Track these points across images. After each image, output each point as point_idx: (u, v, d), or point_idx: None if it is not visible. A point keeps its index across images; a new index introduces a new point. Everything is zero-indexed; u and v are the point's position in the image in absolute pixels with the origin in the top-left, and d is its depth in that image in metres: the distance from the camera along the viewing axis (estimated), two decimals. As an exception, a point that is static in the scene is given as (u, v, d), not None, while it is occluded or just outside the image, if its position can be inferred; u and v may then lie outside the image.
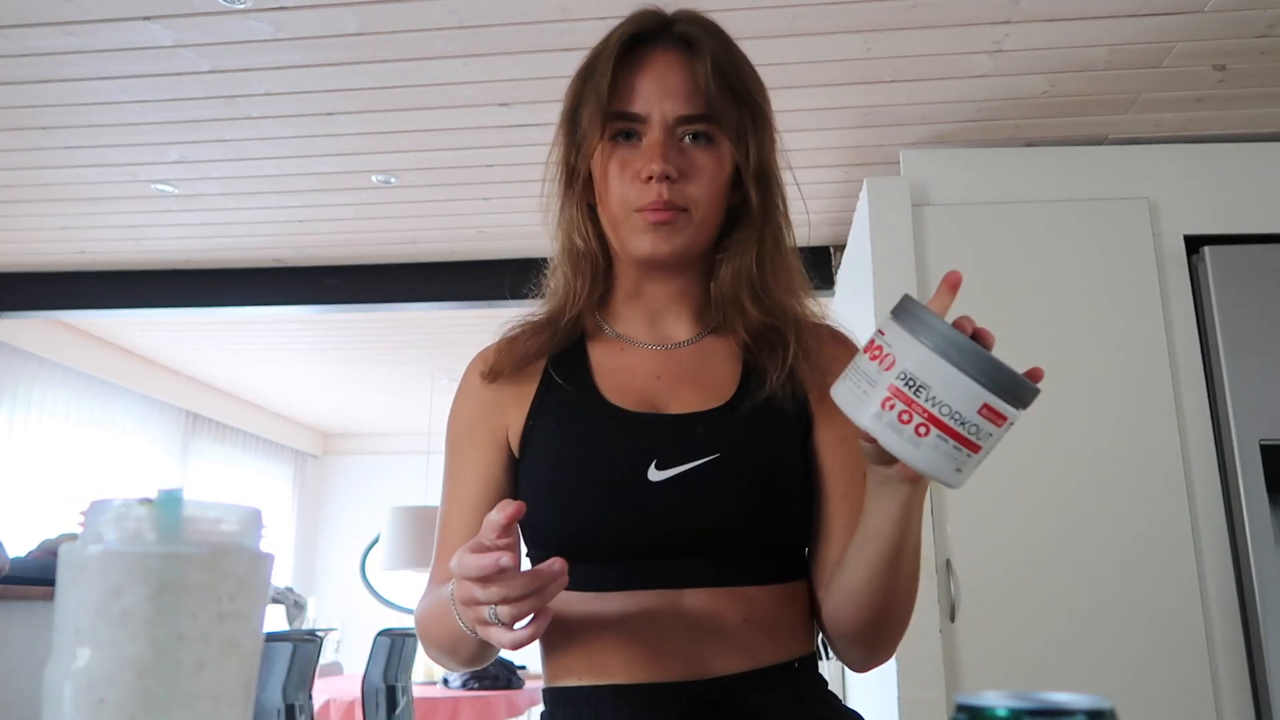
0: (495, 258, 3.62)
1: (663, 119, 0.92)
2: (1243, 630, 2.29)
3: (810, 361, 0.95)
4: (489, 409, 0.98)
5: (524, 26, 2.20)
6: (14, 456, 4.61)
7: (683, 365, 0.97)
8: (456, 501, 0.99)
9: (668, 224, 0.91)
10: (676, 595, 0.88)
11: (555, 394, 0.96)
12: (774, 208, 0.98)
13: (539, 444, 0.95)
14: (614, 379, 0.96)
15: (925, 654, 2.27)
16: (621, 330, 1.00)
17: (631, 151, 0.93)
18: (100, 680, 0.40)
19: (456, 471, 0.99)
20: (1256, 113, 2.59)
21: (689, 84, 0.92)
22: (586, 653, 0.90)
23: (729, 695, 0.86)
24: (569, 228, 0.98)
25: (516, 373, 0.97)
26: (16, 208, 3.24)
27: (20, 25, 2.21)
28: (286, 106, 2.57)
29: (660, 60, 0.94)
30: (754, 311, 0.95)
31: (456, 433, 1.01)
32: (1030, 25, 2.20)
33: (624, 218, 0.93)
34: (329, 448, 7.70)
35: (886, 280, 2.53)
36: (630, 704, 0.87)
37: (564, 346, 0.98)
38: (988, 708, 0.35)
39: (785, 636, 0.91)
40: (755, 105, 0.95)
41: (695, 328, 1.00)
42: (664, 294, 0.99)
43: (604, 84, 0.92)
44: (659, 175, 0.90)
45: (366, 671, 3.41)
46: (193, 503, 0.43)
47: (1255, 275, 2.43)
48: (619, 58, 0.93)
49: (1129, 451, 2.39)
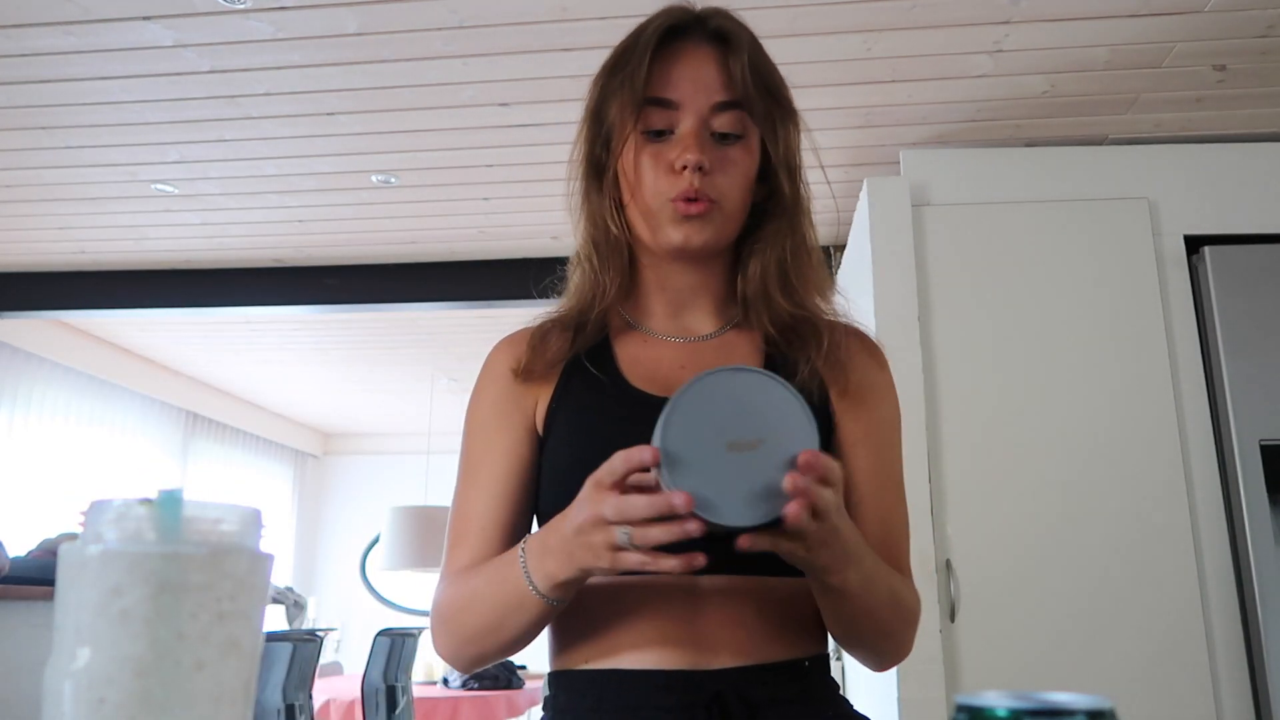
0: (495, 258, 3.62)
1: (697, 110, 0.92)
2: (1243, 630, 2.29)
3: (832, 359, 0.95)
4: (518, 390, 0.98)
5: (524, 26, 2.21)
6: (14, 456, 4.61)
7: (706, 357, 0.98)
8: (481, 484, 0.96)
9: (700, 216, 0.92)
10: (691, 581, 0.87)
11: (581, 378, 0.95)
12: (801, 202, 0.99)
13: (563, 426, 0.94)
14: (639, 368, 0.97)
15: (925, 654, 2.27)
16: (645, 323, 1.01)
17: (664, 145, 0.93)
18: (100, 680, 0.40)
19: (481, 453, 0.97)
20: (1256, 113, 2.59)
21: (723, 76, 0.93)
22: (596, 636, 0.89)
23: (735, 687, 0.85)
24: (596, 219, 0.98)
25: (549, 370, 0.97)
26: (16, 208, 3.25)
27: (20, 25, 2.22)
28: (286, 106, 2.57)
29: (695, 53, 0.95)
30: (784, 304, 0.95)
31: (483, 415, 0.99)
32: (1030, 25, 2.20)
33: (658, 207, 0.93)
34: (329, 448, 7.70)
35: (886, 280, 2.53)
36: (635, 689, 0.86)
37: (592, 344, 0.98)
38: (988, 708, 0.35)
39: (798, 632, 0.91)
40: (785, 100, 0.97)
41: (718, 321, 1.01)
42: (688, 286, 0.99)
43: (639, 73, 0.92)
44: (693, 165, 0.90)
45: (366, 671, 3.41)
46: (193, 503, 0.43)
47: (1255, 275, 2.43)
48: (655, 49, 0.93)
49: (1129, 452, 2.39)
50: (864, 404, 0.97)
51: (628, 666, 0.87)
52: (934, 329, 2.51)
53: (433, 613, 0.94)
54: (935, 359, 2.49)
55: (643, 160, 0.94)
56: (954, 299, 2.53)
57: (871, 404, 0.97)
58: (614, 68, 0.97)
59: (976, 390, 2.46)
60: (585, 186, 0.99)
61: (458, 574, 0.93)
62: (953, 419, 2.45)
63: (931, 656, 2.28)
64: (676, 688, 0.85)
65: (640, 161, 0.94)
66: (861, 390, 0.97)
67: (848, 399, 0.96)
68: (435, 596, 0.95)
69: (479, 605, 0.88)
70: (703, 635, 0.87)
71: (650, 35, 0.94)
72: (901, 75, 2.41)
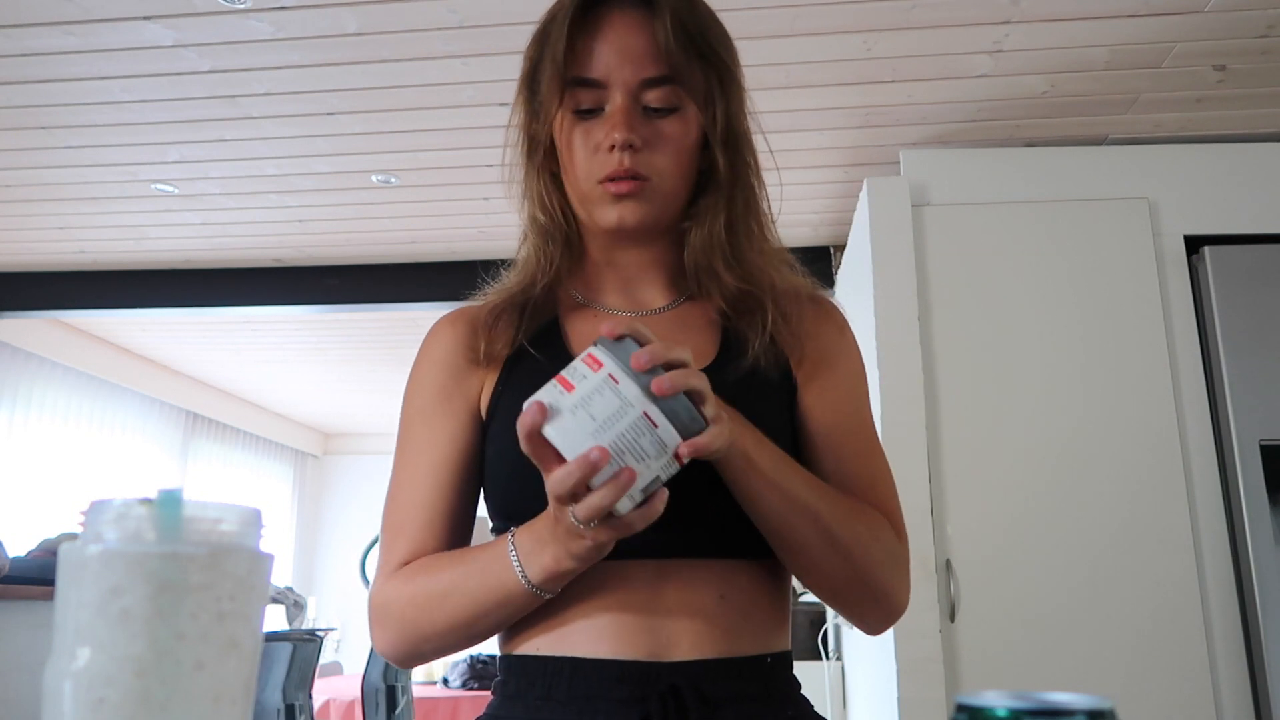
0: (495, 258, 3.57)
1: (624, 84, 0.87)
2: (1243, 630, 2.30)
3: (790, 327, 0.93)
4: (461, 374, 0.94)
5: (524, 27, 2.19)
6: (14, 456, 4.61)
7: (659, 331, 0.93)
8: (421, 472, 0.91)
9: (632, 195, 0.88)
10: (649, 566, 0.84)
11: (527, 361, 0.92)
12: (744, 169, 0.94)
13: (506, 410, 0.89)
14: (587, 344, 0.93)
15: (925, 654, 2.27)
16: (597, 299, 0.98)
17: (594, 123, 0.89)
18: (100, 680, 0.40)
19: (422, 440, 0.93)
20: (1256, 113, 2.59)
21: (650, 45, 0.87)
22: (550, 620, 0.85)
23: (693, 681, 0.81)
24: (534, 200, 0.96)
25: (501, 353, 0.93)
26: (16, 208, 3.25)
27: (20, 25, 2.22)
28: (286, 106, 2.57)
29: (618, 21, 0.88)
30: (729, 278, 0.92)
31: (423, 399, 0.94)
32: (1030, 25, 2.20)
33: (589, 189, 0.90)
34: (329, 448, 7.70)
35: (886, 280, 2.53)
36: (588, 680, 0.82)
37: (541, 324, 0.95)
38: (988, 708, 0.35)
39: (760, 625, 0.87)
40: (721, 63, 0.91)
41: (670, 295, 0.97)
42: (636, 262, 0.97)
43: (559, 49, 0.87)
44: (621, 144, 0.86)
45: (366, 671, 3.41)
46: (193, 503, 0.43)
47: (1255, 275, 2.43)
48: (575, 19, 0.88)
49: (1129, 452, 2.39)
50: (824, 367, 0.94)
51: (582, 654, 0.83)
52: (934, 329, 2.51)
53: (376, 609, 0.89)
54: (935, 359, 2.49)
55: (574, 139, 0.90)
56: (954, 299, 2.53)
57: (830, 366, 0.95)
58: (540, 38, 0.92)
59: (976, 390, 2.46)
60: (523, 160, 0.96)
61: (405, 569, 0.88)
62: (953, 419, 2.45)
63: (931, 656, 2.28)
64: (631, 679, 0.81)
65: (571, 141, 0.90)
66: (821, 356, 0.94)
67: (808, 367, 0.94)
68: (376, 592, 0.89)
69: (454, 599, 0.83)
70: (662, 624, 0.83)
71: (568, 6, 0.89)
72: (901, 75, 2.41)
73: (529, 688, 0.85)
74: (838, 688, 3.54)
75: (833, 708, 3.41)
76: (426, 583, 0.86)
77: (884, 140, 2.75)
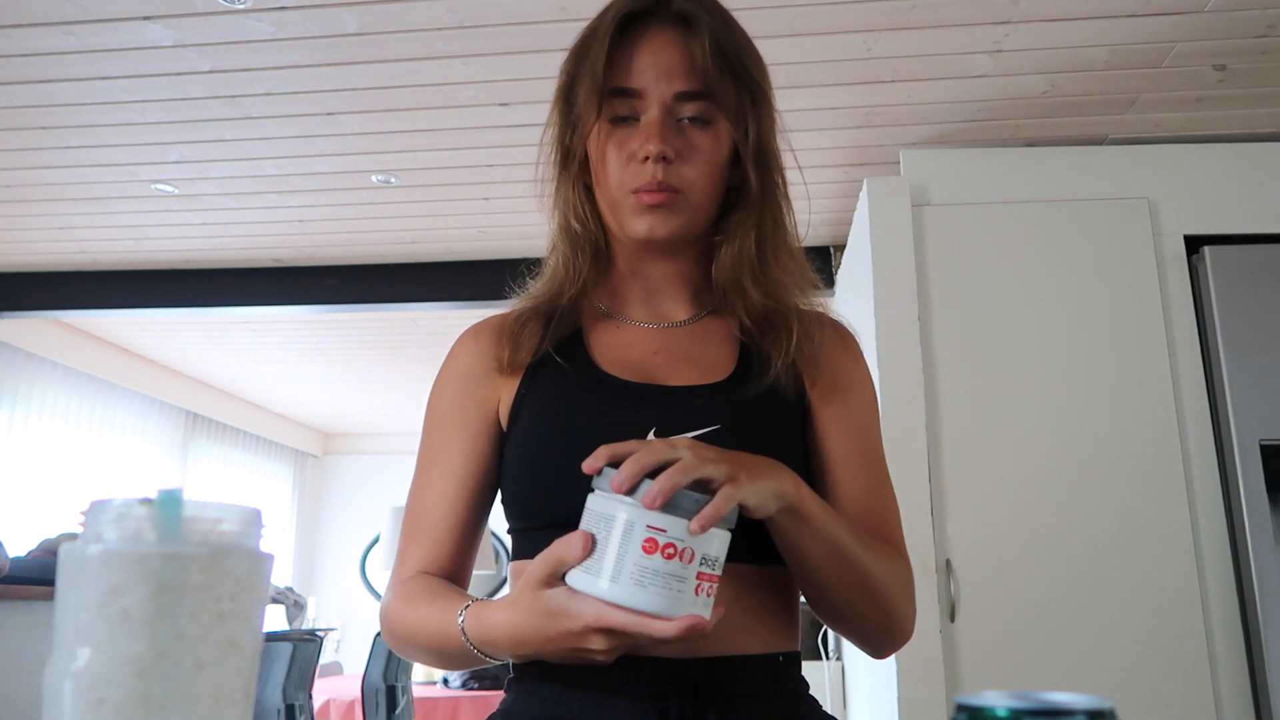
0: (495, 258, 3.62)
1: (660, 97, 0.91)
2: (1243, 630, 2.29)
3: (808, 350, 0.94)
4: (480, 385, 0.97)
5: (524, 26, 2.20)
6: (14, 456, 4.61)
7: (680, 343, 0.97)
8: (436, 482, 0.95)
9: (663, 206, 0.91)
10: None
11: (549, 367, 0.94)
12: (773, 188, 0.96)
13: (529, 414, 0.93)
14: (610, 353, 0.96)
15: (925, 654, 2.27)
16: (620, 311, 1.00)
17: (628, 132, 0.92)
18: (100, 680, 0.40)
19: (439, 450, 0.96)
20: (1256, 113, 2.59)
21: (686, 62, 0.91)
22: None
23: (711, 677, 0.83)
24: (566, 209, 0.97)
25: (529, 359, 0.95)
26: (16, 208, 3.25)
27: (20, 25, 2.22)
28: (286, 106, 2.57)
29: (657, 38, 0.92)
30: (755, 295, 0.94)
31: (443, 410, 0.98)
32: (1030, 25, 2.20)
33: (621, 199, 0.92)
34: (329, 448, 7.70)
35: (886, 280, 2.53)
36: (605, 675, 0.83)
37: (565, 334, 0.97)
38: (988, 708, 0.35)
39: (772, 626, 0.89)
40: (754, 84, 0.94)
41: (693, 308, 1.00)
42: (662, 275, 0.99)
43: (600, 61, 0.91)
44: (655, 155, 0.89)
45: (366, 671, 3.41)
46: (193, 503, 0.43)
47: (1255, 275, 2.43)
48: (615, 35, 0.91)
49: (1129, 452, 2.39)
50: (838, 393, 0.96)
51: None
52: (934, 329, 2.51)
53: (382, 620, 0.93)
54: (935, 359, 2.49)
55: (608, 149, 0.92)
56: (954, 299, 2.53)
57: (845, 392, 0.97)
58: (579, 53, 0.96)
59: (976, 390, 2.46)
60: (556, 172, 0.98)
61: (408, 584, 0.91)
62: (953, 419, 2.45)
63: (931, 656, 2.28)
64: (649, 675, 0.83)
65: (605, 150, 0.93)
66: (836, 382, 0.96)
67: (822, 390, 0.95)
68: (384, 604, 0.93)
69: (421, 638, 0.88)
70: None
71: (611, 20, 0.92)
72: (901, 75, 2.41)
73: (544, 683, 0.87)
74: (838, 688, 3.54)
75: (833, 708, 3.41)
76: (408, 614, 0.89)
77: (884, 140, 2.75)
